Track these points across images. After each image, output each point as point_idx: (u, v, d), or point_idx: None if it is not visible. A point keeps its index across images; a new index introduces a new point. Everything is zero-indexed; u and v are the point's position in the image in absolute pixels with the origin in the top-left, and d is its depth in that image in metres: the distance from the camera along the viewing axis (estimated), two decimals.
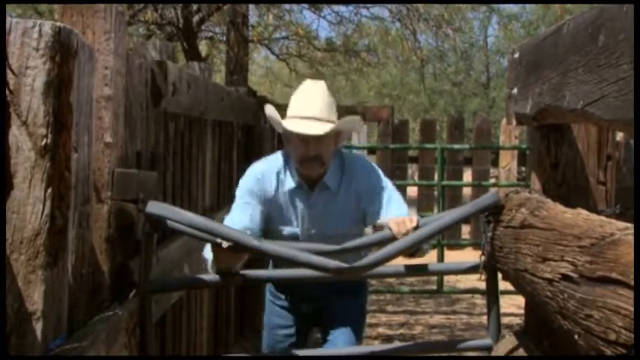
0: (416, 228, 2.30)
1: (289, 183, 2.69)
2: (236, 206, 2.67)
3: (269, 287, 2.97)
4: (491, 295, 2.49)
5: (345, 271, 2.26)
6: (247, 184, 2.69)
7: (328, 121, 2.60)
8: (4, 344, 1.42)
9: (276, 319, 2.92)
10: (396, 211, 2.58)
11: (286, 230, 2.71)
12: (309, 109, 2.61)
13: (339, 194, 2.69)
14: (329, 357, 2.64)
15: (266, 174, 2.70)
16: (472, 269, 2.46)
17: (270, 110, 2.71)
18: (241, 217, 2.61)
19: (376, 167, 2.78)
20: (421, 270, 2.61)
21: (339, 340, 2.73)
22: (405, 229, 2.28)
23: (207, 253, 2.40)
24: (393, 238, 2.30)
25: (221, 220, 2.63)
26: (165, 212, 2.19)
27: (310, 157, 2.60)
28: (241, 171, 2.84)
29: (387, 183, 2.72)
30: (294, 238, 2.67)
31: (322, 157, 2.61)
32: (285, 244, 2.34)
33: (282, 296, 2.91)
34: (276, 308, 2.92)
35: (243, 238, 2.19)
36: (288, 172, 2.70)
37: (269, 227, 2.71)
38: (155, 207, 2.18)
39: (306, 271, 2.32)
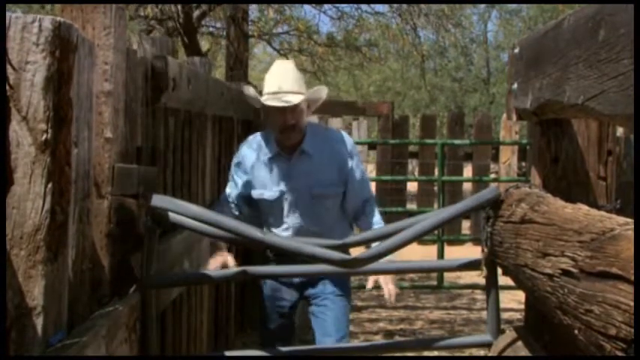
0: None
1: (269, 151, 3.10)
2: (229, 180, 3.23)
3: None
4: (491, 291, 2.49)
5: (349, 263, 2.28)
6: (235, 159, 3.22)
7: (299, 93, 3.00)
8: (5, 341, 1.42)
9: (270, 291, 3.28)
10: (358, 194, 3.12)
11: (266, 194, 3.09)
12: (282, 84, 2.99)
13: (314, 158, 3.07)
14: (329, 353, 2.66)
15: (249, 143, 3.19)
16: (469, 265, 2.47)
17: (248, 90, 3.16)
18: (231, 190, 3.20)
19: (347, 136, 3.22)
20: (419, 267, 2.65)
21: (327, 317, 3.10)
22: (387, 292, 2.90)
23: None
24: (388, 235, 2.37)
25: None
26: (170, 205, 2.18)
27: (289, 126, 2.99)
28: None
29: (356, 151, 3.17)
30: (275, 200, 3.08)
31: (299, 124, 3.02)
32: (289, 238, 2.40)
33: None
34: (269, 281, 3.26)
35: (249, 231, 2.21)
36: (268, 143, 3.11)
37: (252, 193, 3.11)
38: (160, 200, 2.17)
39: (302, 267, 2.45)
